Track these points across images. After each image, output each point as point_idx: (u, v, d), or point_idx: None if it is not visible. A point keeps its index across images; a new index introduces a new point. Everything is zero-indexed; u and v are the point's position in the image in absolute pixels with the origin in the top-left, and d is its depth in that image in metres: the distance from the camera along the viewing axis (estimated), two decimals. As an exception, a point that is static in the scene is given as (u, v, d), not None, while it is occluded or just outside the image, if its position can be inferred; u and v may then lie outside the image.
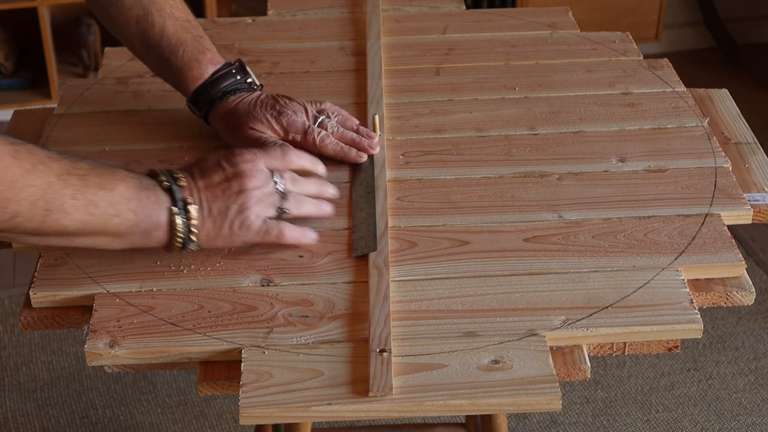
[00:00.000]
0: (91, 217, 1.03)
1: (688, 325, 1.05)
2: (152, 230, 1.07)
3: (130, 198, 1.05)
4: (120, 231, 1.06)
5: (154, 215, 1.06)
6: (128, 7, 1.29)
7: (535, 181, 1.25)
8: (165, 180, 1.08)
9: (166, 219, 1.07)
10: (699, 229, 1.17)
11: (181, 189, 1.08)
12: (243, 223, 1.10)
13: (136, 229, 1.06)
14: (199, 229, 1.09)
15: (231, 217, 1.10)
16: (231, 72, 1.30)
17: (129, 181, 1.05)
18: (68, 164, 1.02)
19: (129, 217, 1.05)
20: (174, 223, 1.07)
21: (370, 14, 1.63)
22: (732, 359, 2.33)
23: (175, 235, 1.08)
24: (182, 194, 1.08)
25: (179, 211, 1.07)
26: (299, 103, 1.29)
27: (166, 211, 1.07)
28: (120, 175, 1.05)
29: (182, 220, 1.07)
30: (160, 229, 1.07)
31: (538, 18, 1.64)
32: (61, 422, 2.18)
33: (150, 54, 1.31)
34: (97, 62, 3.15)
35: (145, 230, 1.07)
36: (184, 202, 1.07)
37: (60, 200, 1.01)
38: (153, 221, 1.06)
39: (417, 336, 1.03)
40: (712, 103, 1.43)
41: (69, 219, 1.02)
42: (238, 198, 1.10)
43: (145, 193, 1.06)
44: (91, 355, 1.02)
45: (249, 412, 0.96)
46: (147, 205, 1.06)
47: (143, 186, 1.06)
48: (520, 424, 2.17)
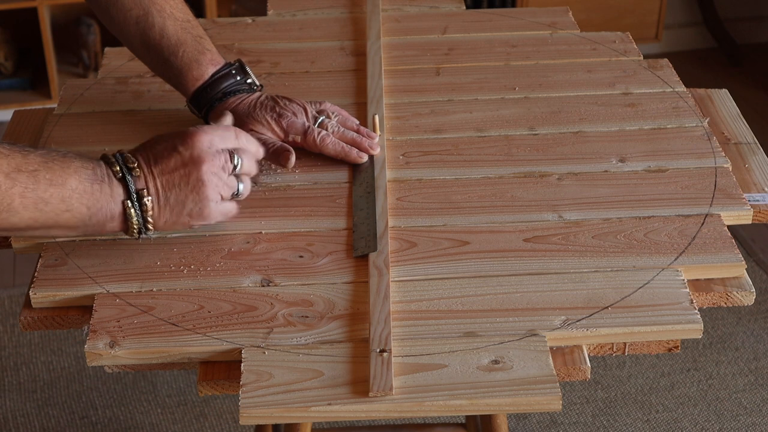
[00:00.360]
0: (40, 214, 1.03)
1: (688, 325, 1.05)
2: (106, 222, 1.08)
3: (82, 192, 1.05)
4: (72, 224, 1.06)
5: (108, 208, 1.07)
6: (128, 8, 1.29)
7: (535, 181, 1.25)
8: (119, 170, 1.07)
9: (119, 211, 1.07)
10: (699, 229, 1.17)
11: (135, 179, 1.07)
12: (201, 212, 1.10)
13: (89, 222, 1.07)
14: (156, 218, 1.09)
15: (189, 206, 1.10)
16: (231, 73, 1.30)
17: (81, 173, 1.05)
18: (18, 160, 1.02)
19: (81, 211, 1.05)
20: (128, 215, 1.08)
21: (370, 14, 1.63)
22: (732, 359, 2.33)
23: (130, 225, 1.08)
24: (136, 185, 1.07)
25: (133, 204, 1.07)
26: (299, 104, 1.29)
27: (120, 204, 1.07)
28: (72, 167, 1.05)
29: (137, 212, 1.08)
30: (115, 221, 1.08)
31: (538, 18, 1.64)
32: (61, 422, 2.18)
33: (150, 54, 1.31)
34: (97, 62, 3.15)
35: (99, 221, 1.07)
36: (138, 194, 1.07)
37: (8, 200, 1.01)
38: (106, 214, 1.07)
39: (417, 336, 1.03)
40: (712, 103, 1.43)
41: (18, 217, 1.02)
42: (196, 187, 1.09)
43: (98, 186, 1.06)
44: (91, 355, 1.02)
45: (249, 412, 0.96)
46: (100, 198, 1.06)
47: (96, 178, 1.06)
48: (520, 424, 2.17)
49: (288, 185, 1.25)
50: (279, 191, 1.24)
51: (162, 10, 1.29)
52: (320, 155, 1.28)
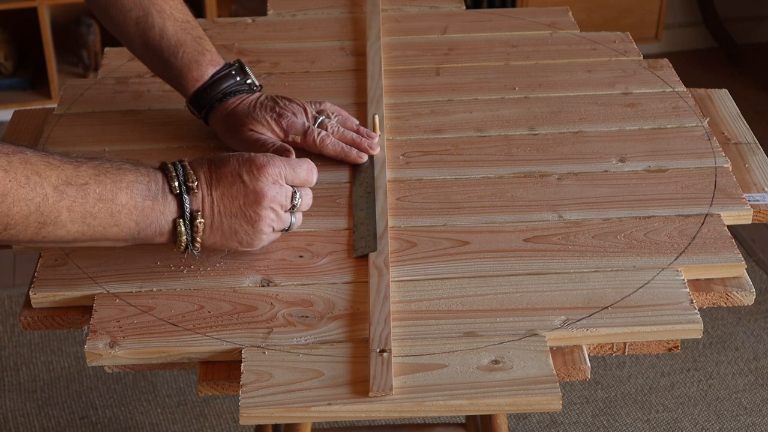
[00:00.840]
0: (87, 228, 1.02)
1: (688, 325, 1.05)
2: (154, 236, 1.06)
3: (132, 208, 1.03)
4: (120, 238, 1.05)
5: (157, 224, 1.05)
6: (128, 9, 1.29)
7: (535, 181, 1.25)
8: (177, 186, 1.05)
9: (169, 228, 1.06)
10: (699, 229, 1.17)
11: (192, 199, 1.05)
12: (251, 243, 1.09)
13: (138, 236, 1.05)
14: (204, 240, 1.08)
15: (240, 235, 1.08)
16: (230, 73, 1.30)
17: (134, 188, 1.03)
18: (69, 172, 1.00)
19: (130, 227, 1.04)
20: (179, 233, 1.06)
21: (370, 14, 1.63)
22: (732, 359, 2.33)
23: (178, 242, 1.07)
24: (192, 206, 1.05)
25: (185, 224, 1.05)
26: (299, 104, 1.29)
27: (171, 222, 1.05)
28: (125, 181, 1.03)
29: (187, 231, 1.06)
30: (164, 236, 1.06)
31: (538, 18, 1.64)
32: (61, 422, 2.18)
33: (150, 55, 1.31)
34: (97, 62, 3.15)
35: (147, 236, 1.06)
36: (192, 215, 1.05)
37: (55, 213, 0.99)
38: (156, 230, 1.05)
39: (417, 336, 1.03)
40: (712, 103, 1.43)
41: (65, 231, 1.01)
42: (252, 220, 1.08)
43: (150, 203, 1.04)
44: (91, 355, 1.02)
45: (249, 412, 0.96)
46: (150, 215, 1.04)
47: (149, 194, 1.04)
48: (520, 424, 2.17)
49: (288, 185, 1.25)
50: (279, 191, 1.24)
51: (162, 10, 1.29)
52: (320, 155, 1.28)
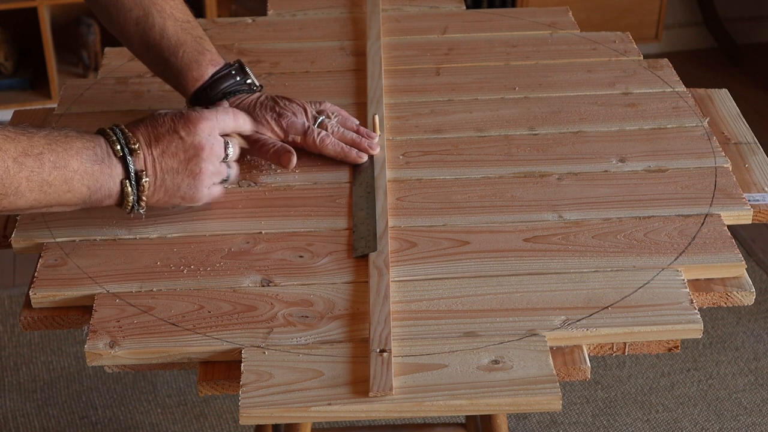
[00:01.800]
0: (44, 196, 1.07)
1: (688, 325, 1.05)
2: (103, 199, 1.11)
3: (83, 173, 1.08)
4: (72, 202, 1.10)
5: (106, 187, 1.10)
6: (128, 8, 1.29)
7: (535, 181, 1.25)
8: (119, 149, 1.10)
9: (118, 189, 1.11)
10: (699, 229, 1.17)
11: (135, 160, 1.11)
12: (194, 196, 1.15)
13: (89, 199, 1.10)
14: (149, 197, 1.13)
15: (183, 190, 1.14)
16: (230, 73, 1.30)
17: (83, 154, 1.08)
18: (24, 143, 1.05)
19: (82, 191, 1.09)
20: (125, 193, 1.11)
21: (370, 14, 1.63)
22: (732, 359, 2.33)
23: (125, 202, 1.12)
24: (136, 166, 1.11)
25: (132, 184, 1.11)
26: (299, 104, 1.29)
27: (119, 183, 1.10)
28: (74, 148, 1.08)
29: (133, 191, 1.11)
30: (111, 198, 1.11)
31: (538, 18, 1.64)
32: (61, 422, 2.18)
33: (150, 55, 1.31)
34: (97, 62, 3.15)
35: (97, 199, 1.11)
36: (137, 175, 1.11)
37: (15, 184, 1.04)
38: (105, 192, 1.10)
39: (417, 336, 1.03)
40: (712, 103, 1.43)
41: (24, 200, 1.06)
42: (192, 173, 1.13)
43: (99, 167, 1.09)
44: (91, 355, 1.02)
45: (249, 412, 0.96)
46: (100, 178, 1.09)
47: (97, 158, 1.09)
48: (520, 424, 2.17)
49: (288, 185, 1.25)
50: (279, 191, 1.24)
51: (162, 10, 1.29)
52: (320, 155, 1.28)
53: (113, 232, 1.17)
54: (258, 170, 1.27)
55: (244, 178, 1.26)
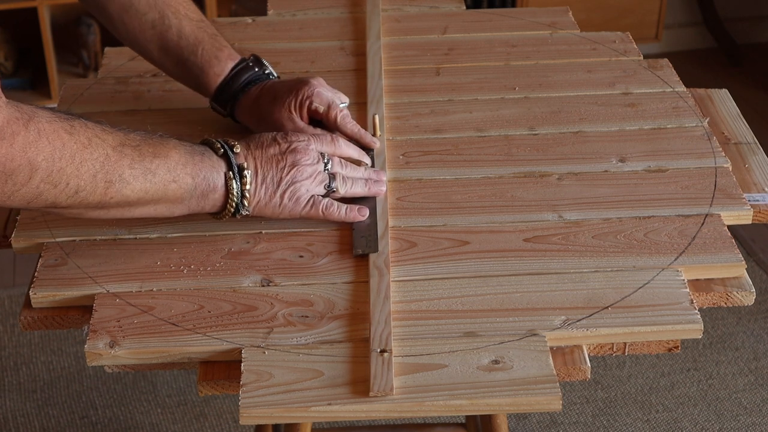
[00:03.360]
0: (150, 185, 1.06)
1: (688, 326, 1.05)
2: (209, 193, 1.11)
3: (185, 163, 1.09)
4: (178, 196, 1.09)
5: (211, 178, 1.10)
6: (143, 12, 1.30)
7: (535, 181, 1.25)
8: (220, 147, 1.12)
9: (222, 182, 1.11)
10: (699, 229, 1.17)
11: (236, 155, 1.12)
12: (293, 195, 1.14)
13: (194, 193, 1.10)
14: (252, 195, 1.13)
15: (283, 187, 1.14)
16: (249, 65, 1.32)
17: (181, 148, 1.10)
18: (121, 136, 1.06)
19: (187, 182, 1.09)
20: (229, 187, 1.11)
21: (370, 14, 1.63)
22: (732, 359, 2.33)
23: (230, 198, 1.11)
24: (238, 160, 1.12)
25: (235, 176, 1.11)
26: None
27: (223, 175, 1.11)
28: (171, 143, 1.09)
29: (237, 184, 1.11)
30: (216, 192, 1.11)
31: (538, 18, 1.64)
32: (61, 422, 2.18)
33: (168, 56, 1.32)
34: (97, 62, 3.15)
35: (202, 193, 1.10)
36: (239, 168, 1.12)
37: (119, 171, 1.04)
38: (209, 184, 1.10)
39: (417, 336, 1.03)
40: (712, 103, 1.43)
41: (129, 188, 1.05)
42: (290, 171, 1.14)
43: (200, 158, 1.10)
44: (91, 355, 1.02)
45: (249, 412, 0.96)
46: (203, 168, 1.10)
47: (196, 152, 1.11)
48: (520, 424, 2.17)
49: (288, 185, 1.25)
50: (279, 191, 1.24)
51: (177, 11, 1.30)
52: None
53: (113, 232, 1.17)
54: None
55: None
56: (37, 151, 0.98)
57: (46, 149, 0.98)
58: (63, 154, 0.99)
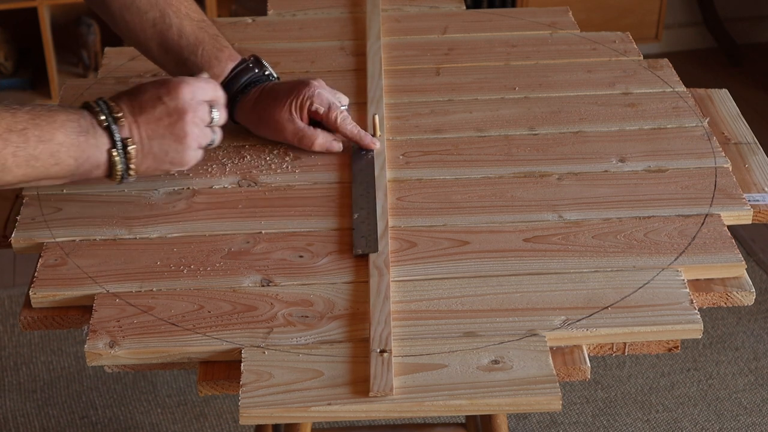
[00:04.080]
0: (32, 170, 1.08)
1: (688, 326, 1.05)
2: (92, 170, 1.13)
3: (69, 145, 1.10)
4: (60, 175, 1.11)
5: (94, 157, 1.12)
6: (144, 11, 1.30)
7: (535, 181, 1.25)
8: (104, 119, 1.12)
9: (105, 159, 1.12)
10: (699, 230, 1.17)
11: (120, 128, 1.12)
12: (182, 159, 1.17)
13: (77, 171, 1.12)
14: (138, 165, 1.14)
15: (171, 155, 1.15)
16: (249, 66, 1.32)
17: (68, 126, 1.10)
18: (8, 120, 1.06)
19: (69, 163, 1.10)
20: (113, 162, 1.12)
21: (370, 14, 1.63)
22: (732, 359, 2.33)
23: (114, 172, 1.13)
24: (121, 134, 1.12)
25: (119, 152, 1.12)
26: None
27: (106, 153, 1.12)
28: (58, 121, 1.09)
29: (121, 159, 1.12)
30: (100, 168, 1.13)
31: (538, 18, 1.64)
32: (61, 422, 2.18)
33: (168, 56, 1.32)
34: (97, 62, 3.15)
35: (86, 170, 1.12)
36: (123, 143, 1.12)
37: (1, 160, 1.06)
38: (92, 163, 1.12)
39: (417, 336, 1.03)
40: (712, 103, 1.43)
41: (11, 175, 1.07)
42: (179, 137, 1.15)
43: (84, 138, 1.10)
44: (91, 355, 1.02)
45: (249, 412, 0.96)
46: (86, 149, 1.11)
47: (82, 129, 1.11)
48: (520, 424, 2.17)
49: (288, 185, 1.25)
50: (279, 191, 1.24)
51: (178, 11, 1.30)
52: (320, 155, 1.28)
53: (113, 232, 1.17)
54: (258, 170, 1.27)
55: (244, 177, 1.26)
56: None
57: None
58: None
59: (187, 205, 1.20)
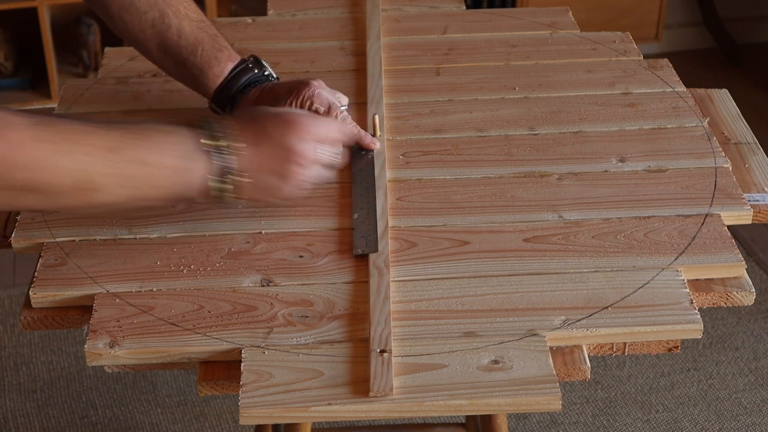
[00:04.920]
0: (125, 191, 1.05)
1: (688, 326, 1.05)
2: (189, 194, 1.09)
3: (166, 167, 1.06)
4: (157, 197, 1.08)
5: (190, 182, 1.08)
6: (143, 11, 1.29)
7: (535, 181, 1.25)
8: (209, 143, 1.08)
9: (204, 185, 1.08)
10: (699, 230, 1.17)
11: (230, 157, 1.09)
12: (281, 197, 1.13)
13: (172, 195, 1.08)
14: (239, 194, 1.11)
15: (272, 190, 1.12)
16: (248, 67, 1.31)
17: (166, 148, 1.06)
18: (103, 135, 1.03)
19: (168, 185, 1.07)
20: (218, 189, 1.09)
21: (370, 14, 1.63)
22: (732, 359, 2.33)
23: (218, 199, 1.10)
24: (226, 163, 1.09)
25: (225, 180, 1.09)
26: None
27: (205, 179, 1.08)
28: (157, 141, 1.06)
29: (222, 187, 1.09)
30: (201, 196, 1.10)
31: (538, 18, 1.64)
32: (61, 422, 2.18)
33: (167, 56, 1.31)
34: (97, 62, 3.15)
35: (182, 194, 1.09)
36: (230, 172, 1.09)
37: (93, 178, 1.02)
38: (193, 190, 1.08)
39: (417, 336, 1.03)
40: (712, 103, 1.43)
41: (103, 195, 1.03)
42: (285, 176, 1.11)
43: (186, 164, 1.07)
44: (91, 355, 1.02)
45: (249, 412, 0.96)
46: (184, 174, 1.07)
47: (180, 153, 1.07)
48: (520, 424, 2.17)
49: (288, 185, 1.25)
50: (279, 191, 1.24)
51: (177, 11, 1.30)
52: None
53: (113, 232, 1.17)
54: None
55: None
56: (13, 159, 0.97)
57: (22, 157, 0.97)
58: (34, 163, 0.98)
59: (187, 205, 1.20)
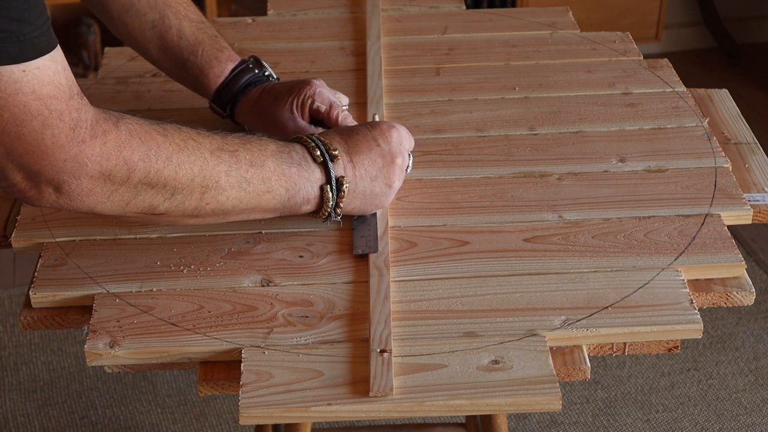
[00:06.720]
0: (244, 194, 1.05)
1: (688, 326, 1.05)
2: (302, 204, 1.10)
3: (281, 174, 1.07)
4: (271, 206, 1.08)
5: (305, 191, 1.09)
6: (143, 12, 1.30)
7: (535, 181, 1.25)
8: (320, 155, 1.09)
9: (316, 194, 1.10)
10: (699, 230, 1.17)
11: (335, 165, 1.10)
12: (382, 204, 1.15)
13: (287, 204, 1.09)
14: (347, 204, 1.12)
15: (378, 198, 1.14)
16: (248, 67, 1.32)
17: (278, 157, 1.07)
18: (218, 140, 1.04)
19: (280, 193, 1.07)
20: (326, 199, 1.10)
21: (370, 14, 1.63)
22: (732, 359, 2.33)
23: (323, 209, 1.11)
24: (337, 172, 1.10)
25: (332, 189, 1.10)
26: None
27: (318, 188, 1.09)
28: (269, 149, 1.07)
29: (333, 197, 1.10)
30: (310, 203, 1.10)
31: (538, 18, 1.64)
32: (61, 422, 2.18)
33: (168, 57, 1.32)
34: (97, 62, 3.15)
35: (296, 204, 1.09)
36: (338, 180, 1.10)
37: (215, 177, 1.02)
38: (304, 196, 1.09)
39: (417, 336, 1.03)
40: (712, 103, 1.43)
41: (225, 196, 1.04)
42: (388, 183, 1.14)
43: (296, 169, 1.08)
44: (91, 355, 1.02)
45: (249, 412, 0.96)
46: (298, 181, 1.08)
47: (294, 161, 1.08)
48: (520, 424, 2.17)
49: (288, 185, 1.25)
50: (279, 191, 1.24)
51: (177, 12, 1.30)
52: None
53: (113, 232, 1.17)
54: None
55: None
56: (132, 149, 0.96)
57: (141, 148, 0.96)
58: (159, 154, 0.98)
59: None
